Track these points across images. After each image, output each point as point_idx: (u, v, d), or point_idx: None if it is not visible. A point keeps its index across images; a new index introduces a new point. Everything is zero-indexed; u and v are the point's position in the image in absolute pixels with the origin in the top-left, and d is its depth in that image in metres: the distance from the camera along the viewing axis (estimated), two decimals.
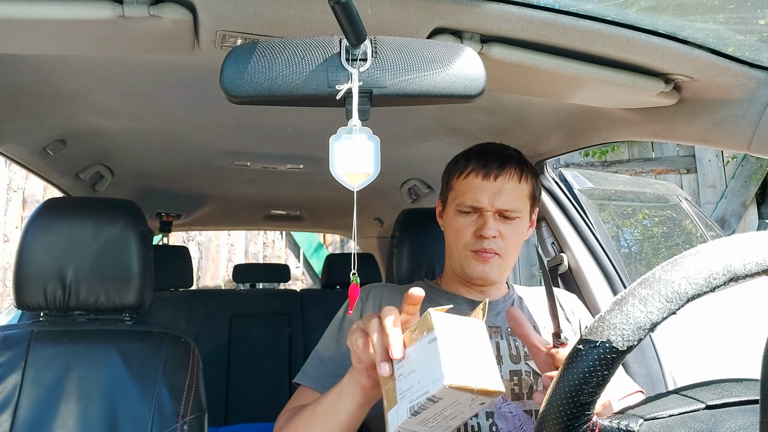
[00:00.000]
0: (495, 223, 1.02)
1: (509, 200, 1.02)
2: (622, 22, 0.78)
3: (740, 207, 4.59)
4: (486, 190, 1.02)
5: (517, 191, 1.03)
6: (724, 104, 0.93)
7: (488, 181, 1.02)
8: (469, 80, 0.66)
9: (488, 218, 1.02)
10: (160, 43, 0.83)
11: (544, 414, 0.52)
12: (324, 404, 0.86)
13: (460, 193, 1.05)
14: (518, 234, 1.05)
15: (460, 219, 1.04)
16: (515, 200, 1.03)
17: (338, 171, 0.65)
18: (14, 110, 1.26)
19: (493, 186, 1.02)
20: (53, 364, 1.15)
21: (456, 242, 1.05)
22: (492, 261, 1.03)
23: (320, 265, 4.97)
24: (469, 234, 1.03)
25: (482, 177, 1.03)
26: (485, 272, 1.03)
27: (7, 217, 4.66)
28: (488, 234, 1.01)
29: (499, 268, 1.04)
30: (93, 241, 1.20)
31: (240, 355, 2.51)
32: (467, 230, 1.03)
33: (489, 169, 1.02)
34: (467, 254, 1.04)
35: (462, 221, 1.04)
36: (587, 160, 5.04)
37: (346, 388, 0.82)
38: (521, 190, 1.04)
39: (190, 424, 1.15)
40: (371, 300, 1.09)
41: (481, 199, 1.02)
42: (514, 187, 1.03)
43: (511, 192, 1.03)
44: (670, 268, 0.51)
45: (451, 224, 1.07)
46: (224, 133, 1.53)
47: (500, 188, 1.02)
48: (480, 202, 1.02)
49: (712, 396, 0.57)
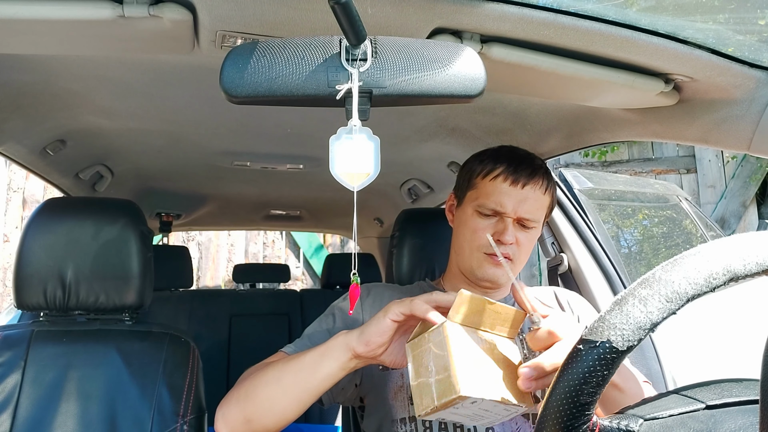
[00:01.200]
0: (513, 230, 1.02)
1: (532, 209, 1.02)
2: (622, 22, 0.78)
3: (740, 207, 4.59)
4: (512, 196, 1.01)
5: (540, 201, 1.04)
6: (724, 104, 0.93)
7: (516, 188, 1.02)
8: (469, 80, 0.66)
9: (509, 224, 1.01)
10: (160, 43, 0.83)
11: (544, 414, 0.52)
12: (302, 360, 0.87)
13: (484, 194, 1.04)
14: (532, 242, 1.06)
15: (479, 220, 1.04)
16: (537, 210, 1.03)
17: (338, 171, 0.65)
18: (14, 110, 1.26)
19: (520, 193, 1.02)
20: (53, 364, 1.15)
21: (471, 242, 1.05)
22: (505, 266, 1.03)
23: (320, 265, 4.97)
24: (485, 236, 1.03)
25: (511, 182, 1.02)
26: (496, 275, 1.04)
27: (7, 217, 4.66)
28: (507, 240, 1.01)
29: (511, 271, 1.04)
30: (93, 241, 1.20)
31: (240, 355, 2.51)
32: (484, 232, 1.03)
33: (519, 175, 1.02)
34: (480, 256, 1.04)
35: (480, 222, 1.04)
36: (587, 160, 5.05)
37: (333, 347, 0.85)
38: (544, 201, 1.05)
39: (189, 424, 1.15)
40: (371, 298, 1.09)
41: (506, 204, 1.01)
42: (539, 198, 1.03)
43: (535, 201, 1.02)
44: (670, 268, 0.51)
45: (467, 223, 1.06)
46: (224, 133, 1.53)
47: (526, 196, 1.02)
48: (504, 207, 1.01)
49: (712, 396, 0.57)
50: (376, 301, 1.09)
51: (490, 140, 1.49)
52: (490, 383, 0.72)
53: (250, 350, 2.52)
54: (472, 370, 0.72)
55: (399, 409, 1.01)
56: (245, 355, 2.50)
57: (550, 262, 1.52)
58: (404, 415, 1.00)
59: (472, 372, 0.72)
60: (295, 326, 2.65)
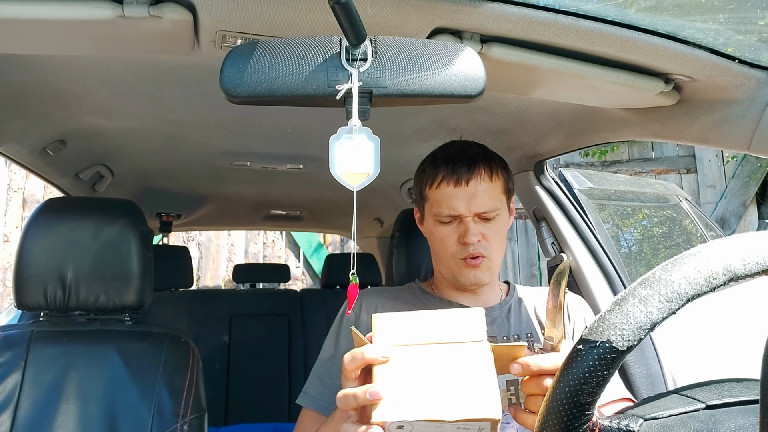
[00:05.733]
0: (476, 226, 1.01)
1: (485, 201, 1.01)
2: (622, 22, 0.78)
3: (740, 207, 4.59)
4: (460, 197, 1.01)
5: (491, 190, 1.02)
6: (724, 104, 0.93)
7: (460, 188, 1.01)
8: (469, 80, 0.66)
9: (469, 224, 1.01)
10: (160, 43, 0.83)
11: (544, 414, 0.52)
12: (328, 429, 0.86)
13: (436, 203, 1.04)
14: (500, 231, 1.05)
15: (441, 228, 1.04)
16: (491, 200, 1.02)
17: (338, 171, 0.65)
18: (14, 110, 1.26)
19: (466, 191, 1.01)
20: (53, 365, 1.15)
21: (443, 251, 1.05)
22: (482, 265, 1.02)
23: (320, 265, 4.97)
24: (454, 242, 1.03)
25: (454, 184, 1.01)
26: (477, 277, 1.03)
27: (7, 217, 4.66)
28: (471, 240, 1.00)
29: (489, 269, 1.04)
30: (93, 241, 1.20)
31: (240, 355, 2.51)
32: (451, 238, 1.03)
33: (459, 174, 1.01)
34: (457, 262, 1.04)
35: (444, 230, 1.03)
36: (587, 160, 5.05)
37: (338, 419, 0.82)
38: (495, 188, 1.03)
39: (190, 424, 1.15)
40: (365, 308, 1.09)
41: (458, 206, 1.01)
42: (488, 187, 1.02)
43: (485, 193, 1.01)
44: (670, 268, 0.51)
45: (433, 233, 1.06)
46: (224, 133, 1.53)
47: (473, 192, 1.01)
48: (457, 209, 1.01)
49: (712, 396, 0.57)
50: (370, 311, 1.08)
51: (490, 140, 1.49)
52: (419, 402, 0.63)
53: (250, 350, 2.52)
54: (393, 393, 0.64)
55: None
56: (245, 355, 2.50)
57: (550, 262, 1.52)
58: None
59: (393, 394, 0.64)
60: (295, 326, 2.65)
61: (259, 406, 2.41)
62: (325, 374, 1.04)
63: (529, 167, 1.49)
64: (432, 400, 0.63)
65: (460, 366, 0.66)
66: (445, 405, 0.63)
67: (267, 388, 2.47)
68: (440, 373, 0.65)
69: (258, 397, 2.44)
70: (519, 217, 4.99)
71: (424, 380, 0.65)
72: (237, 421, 2.38)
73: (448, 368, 0.65)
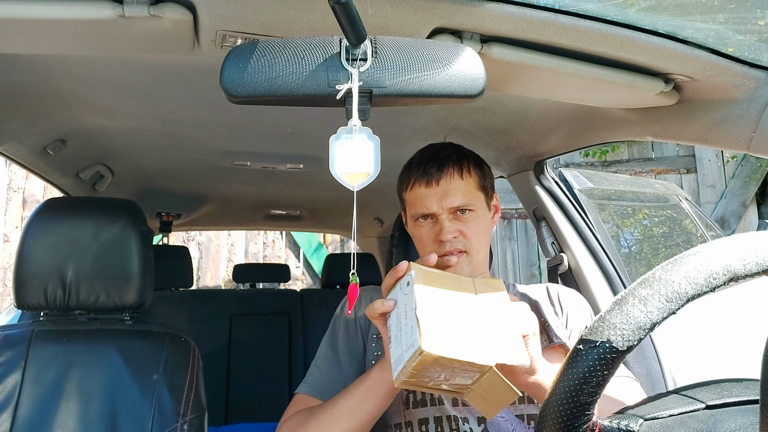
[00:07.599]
0: (452, 224, 1.04)
1: (457, 198, 1.04)
2: (622, 22, 0.78)
3: (740, 207, 4.59)
4: (431, 196, 1.04)
5: (462, 187, 1.05)
6: (723, 104, 0.93)
7: (432, 188, 1.05)
8: (469, 80, 0.66)
9: (443, 221, 1.04)
10: (160, 43, 0.83)
11: (544, 414, 0.52)
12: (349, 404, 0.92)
13: (411, 204, 1.08)
14: (479, 227, 1.07)
15: (420, 228, 1.07)
16: (463, 196, 1.05)
17: (338, 171, 0.66)
18: (14, 110, 1.26)
19: (437, 190, 1.04)
20: (53, 364, 1.15)
21: (423, 250, 1.08)
22: (460, 260, 1.04)
23: (320, 265, 4.97)
24: (431, 241, 1.06)
25: (425, 185, 1.05)
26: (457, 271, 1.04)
27: (7, 217, 4.66)
28: (446, 237, 1.03)
29: (470, 265, 1.06)
30: (93, 240, 1.20)
31: (240, 355, 2.51)
32: (428, 237, 1.06)
33: (429, 175, 1.05)
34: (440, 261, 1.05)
35: (422, 230, 1.07)
36: (587, 160, 5.05)
37: (373, 388, 0.90)
38: (467, 185, 1.06)
39: (190, 424, 1.15)
40: (364, 305, 1.09)
41: (430, 205, 1.04)
42: (459, 185, 1.05)
43: (455, 190, 1.05)
44: (670, 268, 0.51)
45: (414, 234, 1.10)
46: (224, 133, 1.53)
47: (444, 190, 1.04)
48: (430, 208, 1.04)
49: (712, 396, 0.57)
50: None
51: (490, 140, 1.49)
52: (460, 343, 0.71)
53: (251, 350, 2.52)
54: (437, 328, 0.71)
55: (394, 415, 1.01)
56: (245, 355, 2.50)
57: (550, 262, 1.52)
58: (399, 420, 1.01)
59: (439, 329, 0.71)
60: (295, 326, 2.65)
61: (260, 406, 2.41)
62: (323, 362, 1.07)
63: (529, 167, 1.49)
64: (469, 342, 0.71)
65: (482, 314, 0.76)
66: (481, 349, 0.71)
67: (267, 388, 2.47)
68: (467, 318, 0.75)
69: (258, 396, 2.44)
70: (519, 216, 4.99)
71: (460, 322, 0.74)
72: (237, 421, 2.38)
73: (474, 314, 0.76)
